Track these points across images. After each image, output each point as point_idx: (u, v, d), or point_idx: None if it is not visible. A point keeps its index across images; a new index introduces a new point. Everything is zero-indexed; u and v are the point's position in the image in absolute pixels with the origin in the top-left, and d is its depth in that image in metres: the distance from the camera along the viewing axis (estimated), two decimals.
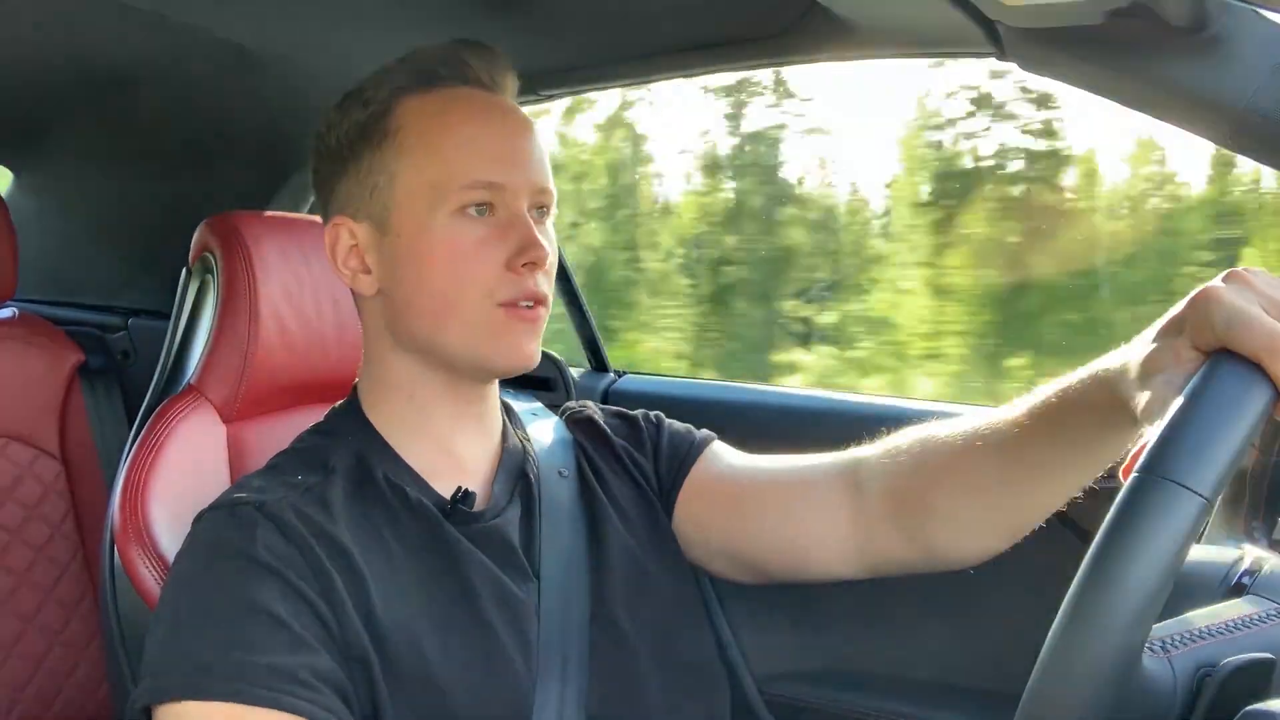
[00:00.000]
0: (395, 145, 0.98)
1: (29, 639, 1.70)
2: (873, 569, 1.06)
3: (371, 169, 0.99)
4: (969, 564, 1.01)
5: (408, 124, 0.98)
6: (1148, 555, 0.54)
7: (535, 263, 0.96)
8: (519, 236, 0.96)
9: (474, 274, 0.96)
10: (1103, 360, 0.82)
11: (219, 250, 1.29)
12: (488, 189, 0.96)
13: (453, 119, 0.98)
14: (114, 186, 2.12)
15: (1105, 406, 0.80)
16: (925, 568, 1.03)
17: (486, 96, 1.01)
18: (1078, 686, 0.55)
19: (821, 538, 1.05)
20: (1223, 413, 0.59)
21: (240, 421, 1.28)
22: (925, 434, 1.01)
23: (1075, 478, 0.89)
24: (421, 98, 0.99)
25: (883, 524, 1.02)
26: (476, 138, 0.97)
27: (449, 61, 1.00)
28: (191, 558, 0.91)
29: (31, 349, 1.78)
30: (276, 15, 1.43)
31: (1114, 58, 0.95)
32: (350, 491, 0.97)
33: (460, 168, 0.96)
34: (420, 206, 0.97)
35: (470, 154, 0.97)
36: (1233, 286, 0.67)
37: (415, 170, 0.97)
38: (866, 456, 1.05)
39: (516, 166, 0.98)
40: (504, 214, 0.97)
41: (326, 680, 0.85)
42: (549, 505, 1.06)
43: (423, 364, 1.01)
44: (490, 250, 0.96)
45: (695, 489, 1.12)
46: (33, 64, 1.63)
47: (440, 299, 0.97)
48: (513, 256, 0.96)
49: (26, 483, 1.74)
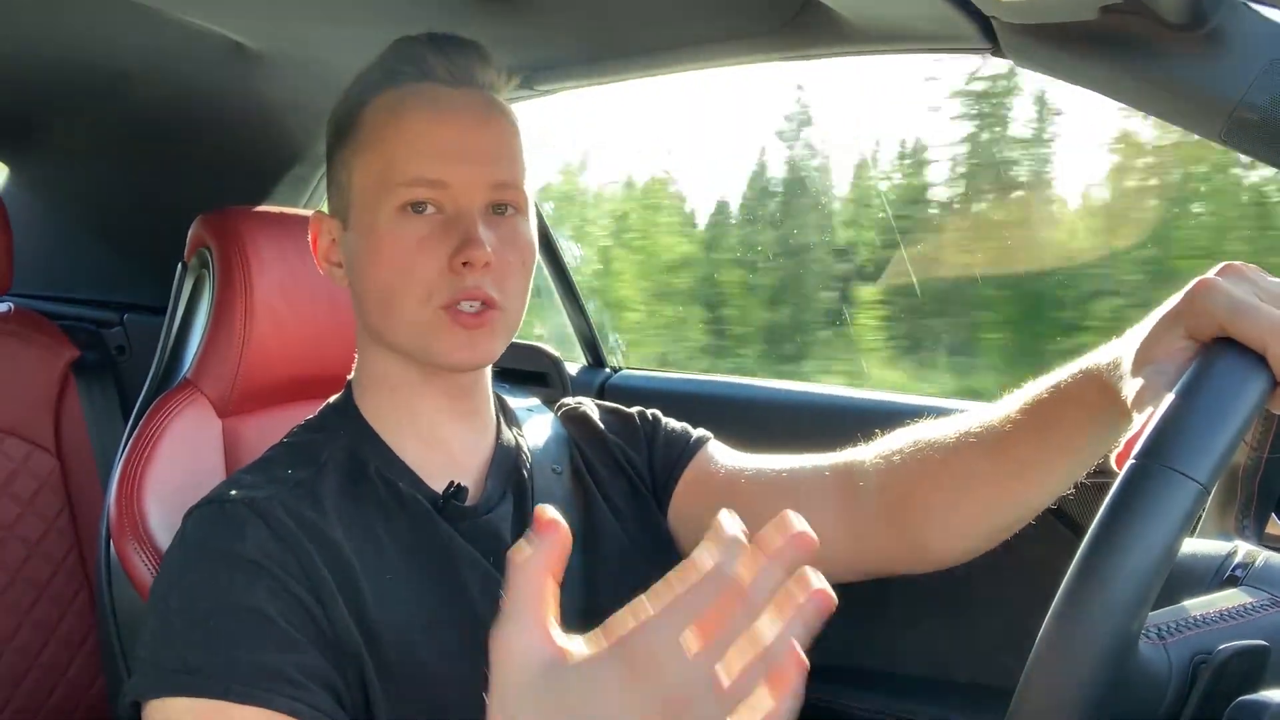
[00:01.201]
0: (355, 143, 0.99)
1: (24, 634, 1.70)
2: (865, 571, 1.05)
3: (339, 166, 1.01)
4: (957, 562, 1.00)
5: (365, 121, 0.99)
6: (1145, 541, 0.55)
7: (471, 263, 0.94)
8: (459, 235, 0.94)
9: (415, 273, 0.95)
10: (1094, 355, 0.82)
11: (214, 245, 1.29)
12: (429, 186, 0.95)
13: (402, 116, 0.97)
14: (110, 182, 2.12)
15: (1096, 402, 0.81)
16: (915, 567, 1.03)
17: (442, 91, 0.99)
18: (1074, 671, 0.55)
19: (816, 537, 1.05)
20: (1221, 401, 0.59)
21: (236, 416, 1.28)
22: (918, 434, 1.00)
23: (1065, 474, 0.89)
24: (382, 96, 0.99)
25: (876, 524, 1.02)
26: (422, 134, 0.96)
27: (411, 58, 1.00)
28: (181, 554, 0.91)
29: (27, 344, 1.78)
30: (273, 12, 1.43)
31: (1109, 53, 0.95)
32: (342, 486, 0.97)
33: (402, 165, 0.95)
34: (369, 203, 0.97)
35: (414, 151, 0.96)
36: (1229, 278, 0.68)
37: (366, 167, 0.98)
38: (861, 458, 1.04)
39: (465, 163, 0.96)
40: (450, 211, 0.96)
41: (316, 678, 0.84)
42: (542, 500, 1.05)
43: (394, 357, 1.01)
44: (432, 248, 0.95)
45: (689, 487, 1.12)
46: (29, 59, 1.63)
47: (385, 297, 0.97)
48: (452, 255, 0.94)
49: (21, 478, 1.74)
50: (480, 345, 0.97)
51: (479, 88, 1.01)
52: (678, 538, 1.12)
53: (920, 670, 1.44)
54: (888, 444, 1.03)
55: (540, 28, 1.40)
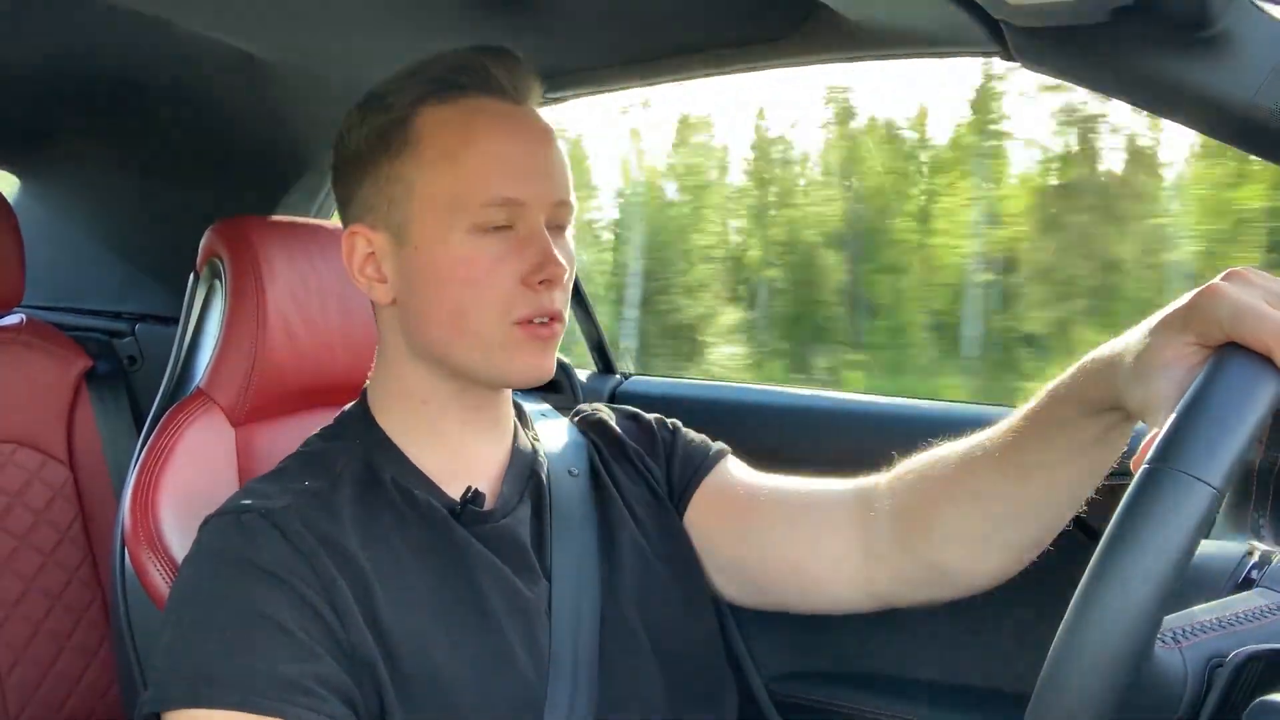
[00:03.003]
0: (415, 156, 0.96)
1: (38, 644, 1.71)
2: (882, 599, 1.05)
3: (390, 178, 0.97)
4: (982, 586, 0.99)
5: (428, 134, 0.96)
6: (1159, 546, 0.55)
7: (551, 280, 0.95)
8: (536, 253, 0.95)
9: (490, 291, 0.95)
10: (1092, 355, 0.82)
11: (226, 255, 1.29)
12: (507, 206, 0.95)
13: (474, 132, 0.96)
14: (121, 192, 2.13)
15: (1097, 401, 0.81)
16: (939, 594, 1.01)
17: (509, 108, 0.98)
18: (1089, 676, 0.55)
19: (829, 561, 1.04)
20: (1232, 404, 0.59)
21: (249, 425, 1.28)
22: (931, 454, 1.00)
23: (1074, 479, 0.88)
24: (443, 107, 0.97)
25: (891, 548, 1.01)
26: (498, 153, 0.95)
27: (472, 69, 0.98)
28: (197, 565, 0.92)
29: (39, 355, 1.78)
30: (283, 22, 1.44)
31: (1119, 56, 0.95)
32: (357, 496, 0.97)
33: (481, 184, 0.94)
34: (438, 221, 0.95)
35: (491, 170, 0.95)
36: (1236, 283, 0.69)
37: (435, 183, 0.95)
38: (876, 482, 1.04)
39: (537, 182, 0.96)
40: (522, 230, 0.96)
41: (332, 688, 0.85)
42: (559, 504, 1.05)
43: (437, 373, 1.01)
44: (507, 267, 0.95)
45: (705, 500, 1.11)
46: (41, 70, 1.64)
47: (456, 314, 0.96)
48: (529, 273, 0.94)
49: (35, 488, 1.75)
50: (550, 360, 0.99)
51: (532, 104, 1.01)
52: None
53: (934, 675, 1.43)
54: (902, 467, 1.02)
55: (550, 36, 1.40)
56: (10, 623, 1.69)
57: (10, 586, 1.69)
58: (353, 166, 1.01)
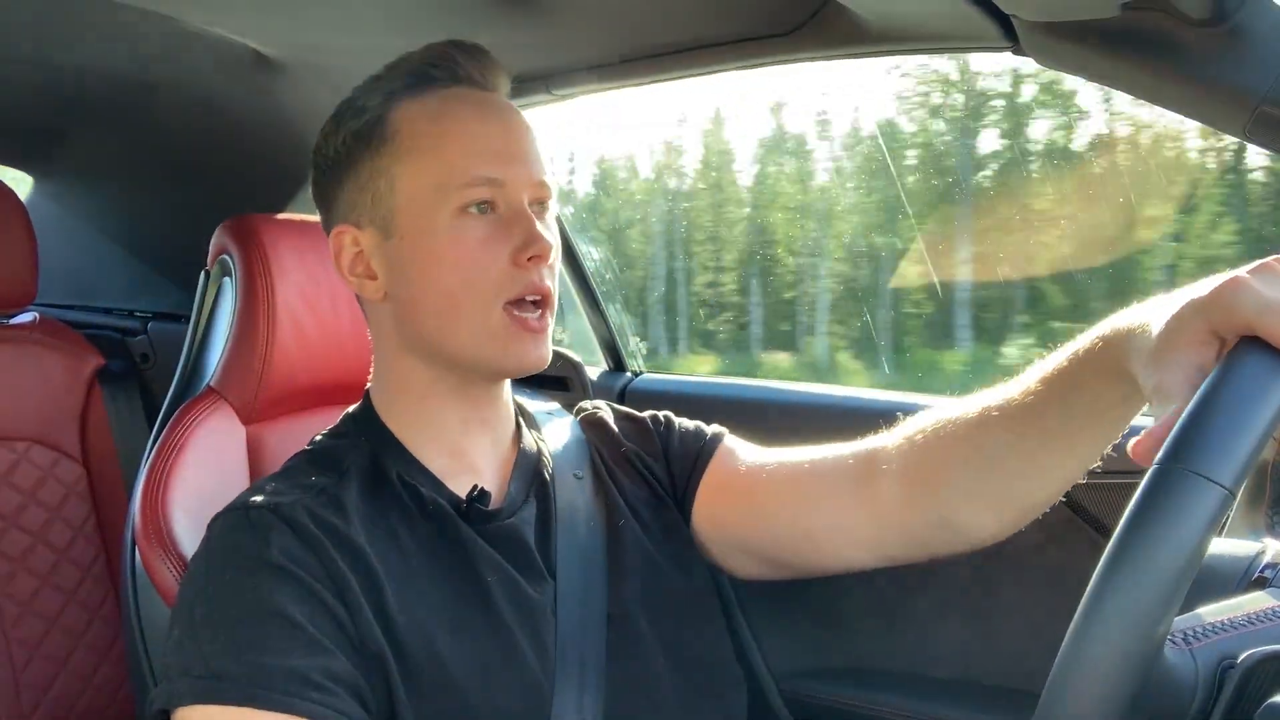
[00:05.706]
0: (394, 149, 0.98)
1: (52, 640, 1.72)
2: (890, 556, 1.05)
3: (372, 175, 0.99)
4: (987, 542, 1.00)
5: (405, 127, 0.98)
6: (1169, 547, 0.54)
7: (540, 256, 0.97)
8: (522, 232, 0.96)
9: (480, 274, 0.96)
10: (1111, 322, 0.81)
11: (236, 253, 1.30)
12: (489, 185, 0.96)
13: (450, 118, 0.98)
14: (133, 191, 2.14)
15: (1114, 370, 0.79)
16: (947, 548, 1.02)
17: (481, 94, 1.01)
18: (1099, 677, 0.54)
19: (837, 525, 1.04)
20: (1247, 403, 0.58)
21: (260, 423, 1.29)
22: (940, 414, 1.00)
23: (1090, 444, 0.88)
24: (417, 100, 0.99)
25: (900, 506, 1.01)
26: (475, 135, 0.98)
27: (440, 62, 1.00)
28: (206, 561, 0.92)
29: (52, 353, 1.79)
30: (291, 21, 1.44)
31: (1130, 51, 0.94)
32: (365, 492, 0.97)
33: (461, 166, 0.96)
34: (424, 208, 0.97)
35: (470, 152, 0.97)
36: (1262, 276, 0.66)
37: (416, 172, 0.97)
38: (883, 443, 1.04)
39: (516, 162, 0.98)
40: (506, 210, 0.97)
41: (341, 682, 0.85)
42: (564, 505, 1.06)
43: (432, 366, 1.02)
44: (494, 247, 0.96)
45: (711, 488, 1.12)
46: (51, 72, 1.64)
47: (448, 299, 0.97)
48: (517, 251, 0.96)
49: (48, 486, 1.76)
50: (543, 347, 1.00)
51: (502, 93, 1.04)
52: (702, 540, 1.12)
53: (945, 673, 1.43)
54: (910, 426, 1.02)
55: (556, 33, 1.40)
56: (24, 619, 1.70)
57: (24, 583, 1.71)
58: (333, 171, 1.03)
